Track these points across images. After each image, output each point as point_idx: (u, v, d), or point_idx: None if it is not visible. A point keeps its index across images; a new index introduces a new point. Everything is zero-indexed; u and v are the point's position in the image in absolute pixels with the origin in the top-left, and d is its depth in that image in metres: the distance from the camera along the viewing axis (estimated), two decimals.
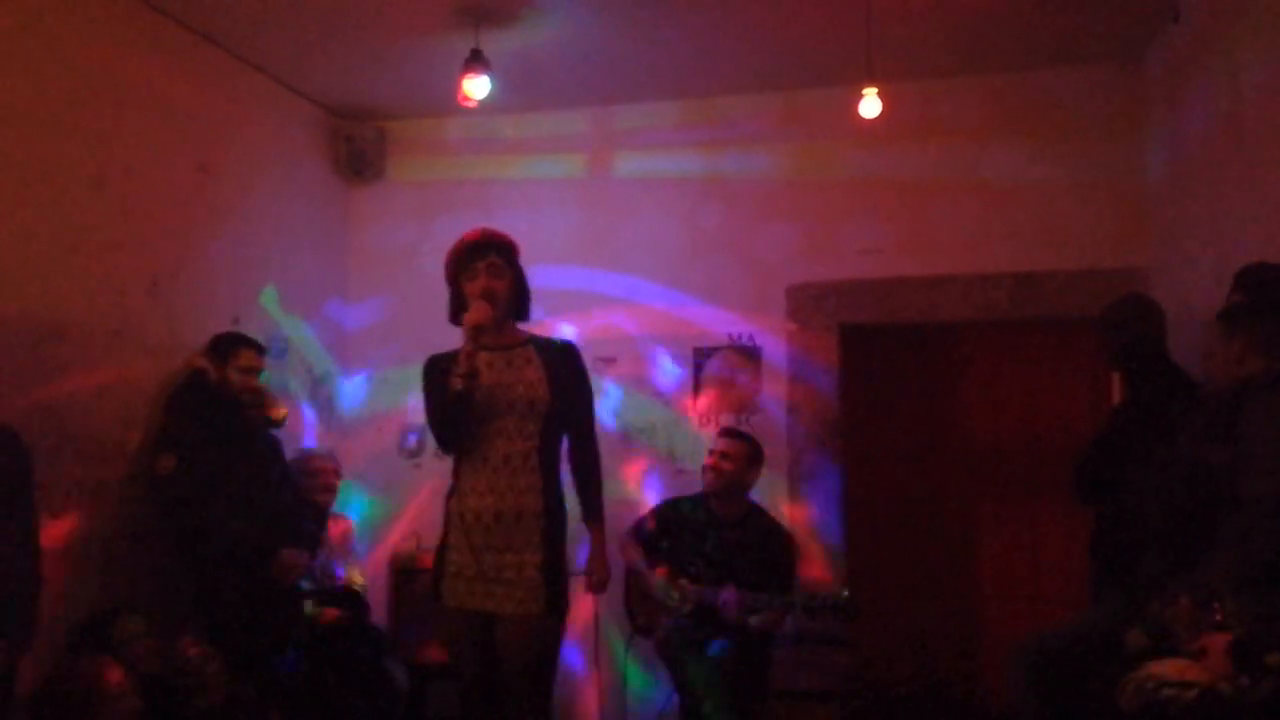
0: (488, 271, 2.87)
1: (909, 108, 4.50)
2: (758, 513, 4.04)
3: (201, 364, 3.76)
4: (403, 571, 4.48)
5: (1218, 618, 2.18)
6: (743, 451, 4.00)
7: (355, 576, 4.26)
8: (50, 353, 3.36)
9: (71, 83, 3.48)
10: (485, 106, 4.11)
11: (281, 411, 3.97)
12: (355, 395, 5.12)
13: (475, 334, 2.75)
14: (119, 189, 3.67)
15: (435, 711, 4.49)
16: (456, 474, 2.87)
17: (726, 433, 4.14)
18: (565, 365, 2.92)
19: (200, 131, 4.11)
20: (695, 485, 4.15)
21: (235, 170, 4.33)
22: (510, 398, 2.80)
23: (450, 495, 2.88)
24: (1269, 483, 2.20)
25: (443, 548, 2.87)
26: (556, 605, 2.78)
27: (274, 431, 3.97)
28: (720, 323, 4.77)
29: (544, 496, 2.79)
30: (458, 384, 2.71)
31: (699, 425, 4.70)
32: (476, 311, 2.78)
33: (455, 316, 2.93)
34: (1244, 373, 2.46)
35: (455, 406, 2.75)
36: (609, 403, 4.72)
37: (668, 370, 4.79)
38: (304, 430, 4.73)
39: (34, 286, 3.32)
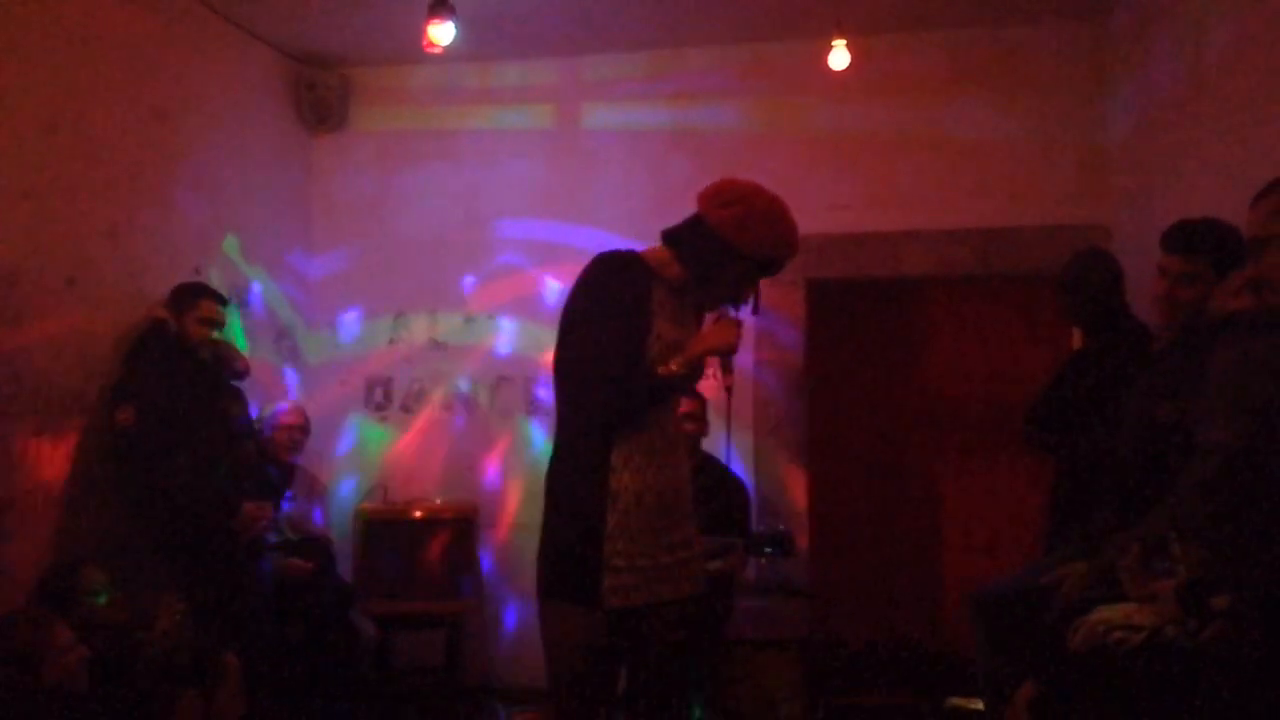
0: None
1: (876, 62, 4.49)
2: (711, 462, 4.10)
3: (161, 314, 3.71)
4: (369, 524, 4.47)
5: (1166, 564, 2.21)
6: (700, 409, 4.06)
7: (318, 528, 4.26)
8: (2, 300, 3.29)
9: (19, 20, 3.37)
10: (451, 55, 4.05)
11: (243, 363, 3.93)
12: (319, 347, 5.07)
13: (723, 353, 2.30)
14: (72, 133, 3.58)
15: (401, 663, 4.51)
16: (602, 442, 2.25)
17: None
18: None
19: (157, 76, 4.01)
20: None
21: (194, 117, 4.23)
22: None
23: (605, 471, 2.23)
24: (1226, 432, 2.19)
25: (593, 537, 2.22)
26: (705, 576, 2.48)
27: (237, 383, 3.93)
28: None
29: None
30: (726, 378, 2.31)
31: None
32: (736, 335, 2.29)
33: (714, 289, 2.36)
34: (1230, 308, 2.40)
35: (664, 391, 2.28)
36: None
37: None
38: (267, 382, 4.68)
39: None
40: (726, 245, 2.29)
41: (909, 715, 4.25)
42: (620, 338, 2.23)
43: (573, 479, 2.28)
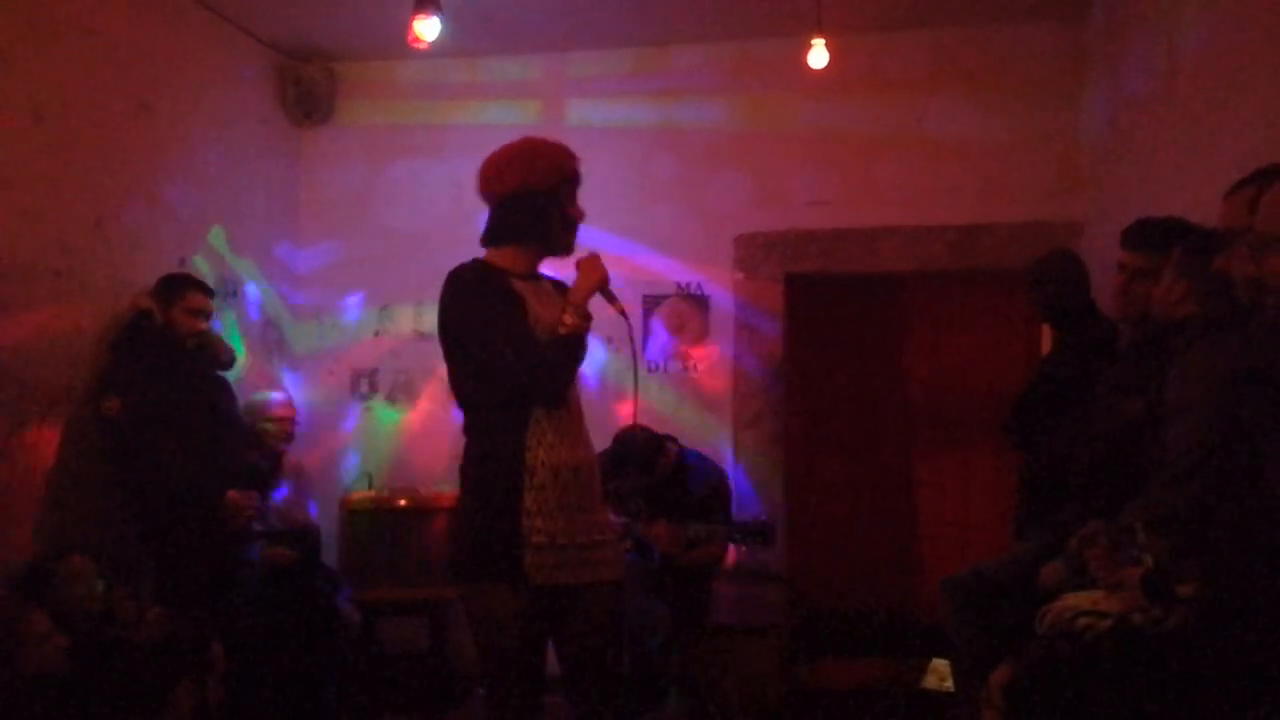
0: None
1: (856, 61, 4.54)
2: (692, 456, 4.15)
3: (146, 304, 3.72)
4: (355, 513, 4.50)
5: (1133, 553, 2.27)
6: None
7: (305, 518, 4.29)
8: None
9: (3, 11, 3.36)
10: (437, 50, 4.07)
11: (229, 354, 3.95)
12: (306, 338, 5.10)
13: (599, 288, 2.43)
14: (57, 124, 3.57)
15: (387, 650, 4.56)
16: (516, 423, 2.34)
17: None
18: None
19: (142, 68, 4.01)
20: None
21: (179, 109, 4.24)
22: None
23: (521, 450, 2.32)
24: (1191, 438, 2.24)
25: (511, 514, 2.29)
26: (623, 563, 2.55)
27: (223, 374, 3.95)
28: (669, 271, 4.83)
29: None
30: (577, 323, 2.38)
31: (647, 373, 4.77)
32: (603, 268, 2.43)
33: (550, 233, 2.45)
34: (1178, 314, 2.48)
35: (574, 347, 2.38)
36: None
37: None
38: (254, 373, 4.70)
39: None
40: (549, 195, 2.41)
41: (882, 698, 4.31)
42: (511, 330, 2.33)
43: (488, 459, 2.35)
